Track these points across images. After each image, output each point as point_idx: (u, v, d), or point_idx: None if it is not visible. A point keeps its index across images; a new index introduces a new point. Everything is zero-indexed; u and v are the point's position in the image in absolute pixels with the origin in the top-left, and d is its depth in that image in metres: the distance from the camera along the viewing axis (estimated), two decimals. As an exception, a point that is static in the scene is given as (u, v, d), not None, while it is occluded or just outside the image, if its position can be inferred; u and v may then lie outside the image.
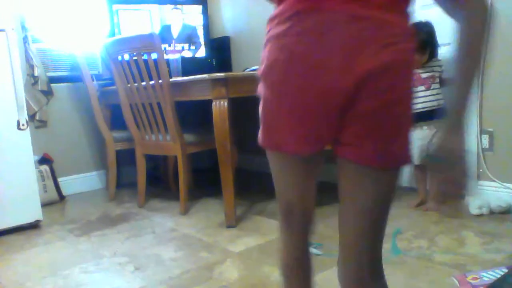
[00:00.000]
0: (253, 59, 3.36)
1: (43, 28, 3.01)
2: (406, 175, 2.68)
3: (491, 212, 2.11)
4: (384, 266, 1.62)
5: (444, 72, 2.31)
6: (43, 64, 2.99)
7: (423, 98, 2.25)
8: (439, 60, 2.30)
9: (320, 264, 1.68)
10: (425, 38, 2.19)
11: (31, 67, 2.92)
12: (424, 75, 2.26)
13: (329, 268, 1.63)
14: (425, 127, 2.27)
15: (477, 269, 1.53)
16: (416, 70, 2.27)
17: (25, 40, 2.91)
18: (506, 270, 1.45)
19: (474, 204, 2.14)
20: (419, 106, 2.26)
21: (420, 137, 2.29)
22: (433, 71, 2.27)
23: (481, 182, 2.26)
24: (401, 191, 2.61)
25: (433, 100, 2.25)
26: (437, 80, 2.27)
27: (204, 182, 3.22)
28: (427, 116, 2.25)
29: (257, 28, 3.35)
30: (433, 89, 2.25)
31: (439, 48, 2.27)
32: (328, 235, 1.97)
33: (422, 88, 2.26)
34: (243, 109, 3.30)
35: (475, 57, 0.77)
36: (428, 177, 2.37)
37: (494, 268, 1.49)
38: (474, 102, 2.23)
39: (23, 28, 2.91)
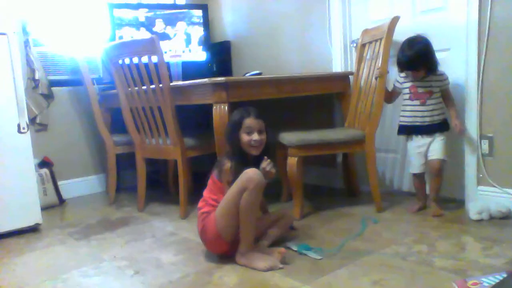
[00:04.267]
0: (253, 63, 3.37)
1: (44, 32, 3.02)
2: (407, 181, 2.68)
3: (491, 218, 2.11)
4: (383, 271, 1.62)
5: (445, 86, 2.24)
6: (44, 67, 3.00)
7: (417, 113, 2.23)
8: (440, 75, 2.23)
9: (320, 268, 1.68)
10: (417, 54, 2.14)
11: (32, 70, 2.93)
12: (420, 90, 2.23)
13: (329, 273, 1.63)
14: (424, 135, 2.25)
15: (477, 274, 1.53)
16: (414, 83, 2.24)
17: (26, 43, 2.92)
18: (506, 275, 1.45)
19: (474, 209, 2.13)
20: (411, 119, 2.25)
21: (417, 145, 2.28)
22: (431, 86, 2.22)
23: (480, 188, 2.25)
24: (401, 196, 2.61)
25: (426, 116, 2.22)
26: (435, 95, 2.22)
27: (204, 187, 3.21)
28: (421, 131, 2.24)
29: (257, 32, 3.36)
30: (428, 105, 2.21)
31: (437, 63, 2.20)
32: (328, 240, 1.97)
33: (417, 102, 2.23)
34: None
35: None
36: (428, 183, 2.36)
37: (495, 274, 1.48)
38: (474, 108, 2.23)
39: (25, 31, 2.92)
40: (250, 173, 1.69)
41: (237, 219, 1.72)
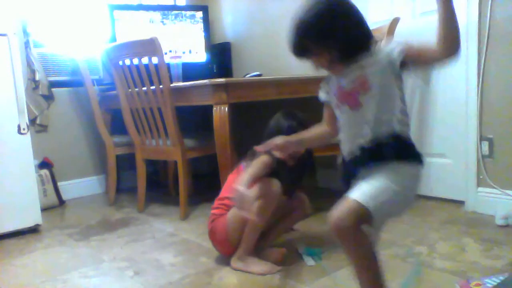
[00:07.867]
0: (254, 64, 3.37)
1: (45, 33, 3.03)
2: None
3: None
4: (383, 272, 1.60)
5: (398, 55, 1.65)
6: (44, 68, 3.00)
7: (352, 129, 1.79)
8: (378, 52, 1.64)
9: (321, 269, 1.68)
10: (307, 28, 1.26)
11: (32, 71, 2.93)
12: (346, 86, 1.72)
13: (329, 274, 1.63)
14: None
15: (477, 275, 1.53)
16: (336, 81, 1.74)
17: (26, 44, 2.92)
18: (508, 275, 1.44)
19: (499, 215, 2.06)
20: (348, 147, 1.83)
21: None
22: (365, 73, 1.60)
23: (480, 189, 2.25)
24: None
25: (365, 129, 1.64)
26: (376, 89, 1.61)
27: (204, 188, 3.22)
28: (359, 163, 1.77)
29: (257, 33, 3.36)
30: (365, 105, 1.68)
31: (359, 37, 1.66)
32: (328, 241, 1.97)
33: (347, 109, 1.79)
34: (244, 115, 3.31)
35: None
36: None
37: (497, 274, 1.48)
38: (474, 109, 2.23)
39: (25, 32, 2.92)
40: (272, 183, 1.67)
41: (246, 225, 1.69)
